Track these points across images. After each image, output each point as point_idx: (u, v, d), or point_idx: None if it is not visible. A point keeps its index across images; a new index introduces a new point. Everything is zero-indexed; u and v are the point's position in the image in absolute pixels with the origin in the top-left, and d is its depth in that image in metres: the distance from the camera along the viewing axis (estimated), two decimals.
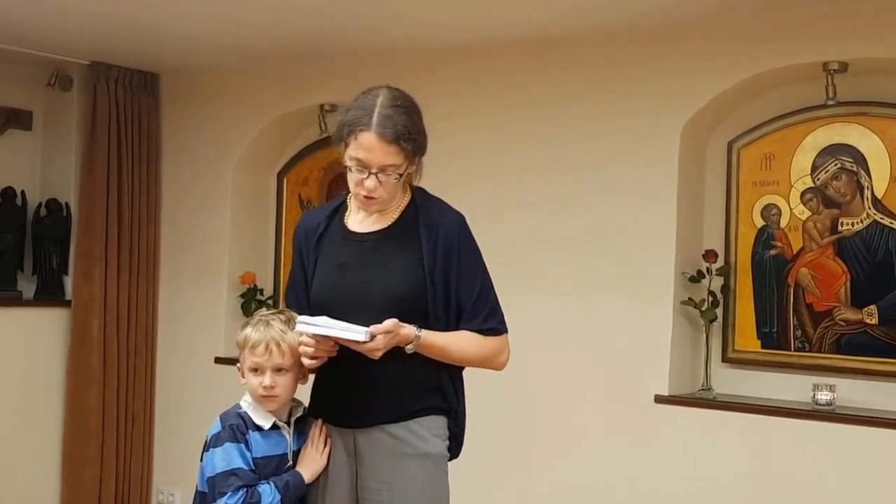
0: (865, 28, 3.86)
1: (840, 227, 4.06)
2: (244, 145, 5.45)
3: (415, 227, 2.76)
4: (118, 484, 5.54)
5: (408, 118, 2.69)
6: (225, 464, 2.71)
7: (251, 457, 2.73)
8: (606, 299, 4.34)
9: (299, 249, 2.89)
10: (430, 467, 2.74)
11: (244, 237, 5.56)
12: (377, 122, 2.64)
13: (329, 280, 2.78)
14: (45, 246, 5.58)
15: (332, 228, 2.84)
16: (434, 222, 2.76)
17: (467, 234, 2.80)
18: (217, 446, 2.74)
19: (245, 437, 2.74)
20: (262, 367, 2.75)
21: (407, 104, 2.72)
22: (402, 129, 2.65)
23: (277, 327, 2.75)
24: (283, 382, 2.75)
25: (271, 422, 2.78)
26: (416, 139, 2.70)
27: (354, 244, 2.78)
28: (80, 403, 5.45)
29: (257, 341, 2.75)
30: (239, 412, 2.79)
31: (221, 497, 2.69)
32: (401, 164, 2.67)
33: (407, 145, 2.67)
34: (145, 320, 5.64)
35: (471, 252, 2.79)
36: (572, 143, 4.46)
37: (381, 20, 4.37)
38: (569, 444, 4.41)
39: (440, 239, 2.73)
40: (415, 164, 2.74)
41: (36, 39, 5.00)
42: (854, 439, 3.84)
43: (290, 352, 2.74)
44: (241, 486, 2.69)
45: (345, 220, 2.84)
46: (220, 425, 2.77)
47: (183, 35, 4.81)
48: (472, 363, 2.80)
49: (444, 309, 2.73)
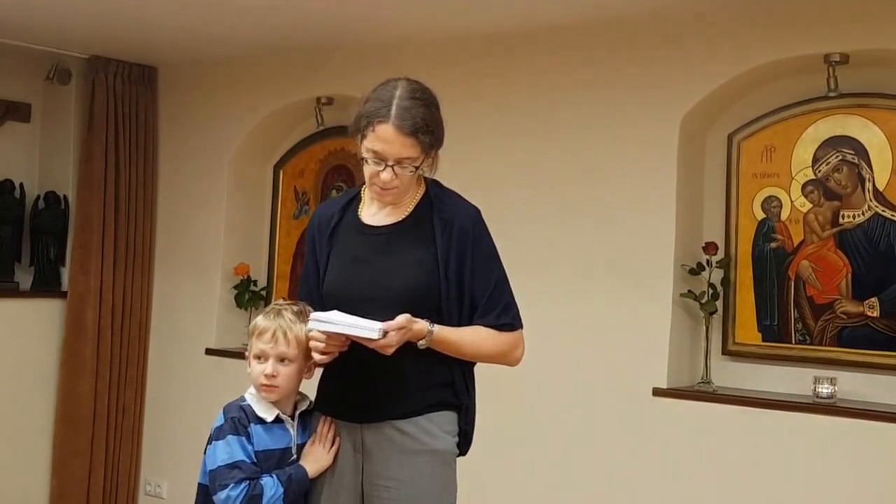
0: (866, 20, 3.85)
1: (841, 220, 4.06)
2: (241, 138, 5.47)
3: (429, 220, 2.73)
4: (107, 474, 5.58)
5: (426, 110, 2.66)
6: (227, 456, 2.70)
7: (253, 450, 2.72)
8: (606, 291, 4.34)
9: (312, 241, 2.86)
10: (438, 464, 2.71)
11: (240, 229, 5.58)
12: (395, 115, 2.61)
13: (342, 273, 2.75)
14: (43, 238, 5.62)
15: (345, 220, 2.81)
16: (449, 216, 2.73)
17: (482, 227, 2.77)
18: (219, 439, 2.73)
19: (247, 430, 2.72)
20: (265, 355, 2.74)
21: (426, 96, 2.69)
22: (420, 121, 2.63)
23: (287, 317, 2.74)
24: (285, 373, 2.74)
25: (274, 414, 2.76)
26: (434, 132, 2.67)
27: (368, 237, 2.76)
28: (73, 394, 5.48)
29: (265, 328, 2.75)
30: (241, 405, 2.77)
31: (223, 490, 2.67)
32: (417, 157, 2.65)
33: (425, 138, 2.64)
34: (139, 311, 5.67)
35: (486, 246, 2.75)
36: (571, 136, 4.46)
37: (378, 13, 4.37)
38: (567, 437, 4.41)
39: (455, 232, 2.71)
40: (431, 157, 2.71)
41: (35, 33, 5.04)
42: (855, 432, 3.84)
43: (297, 343, 2.72)
44: (244, 479, 2.67)
45: (359, 212, 2.81)
46: (223, 418, 2.76)
47: (180, 29, 4.84)
48: (486, 359, 2.77)
49: (457, 303, 2.70)
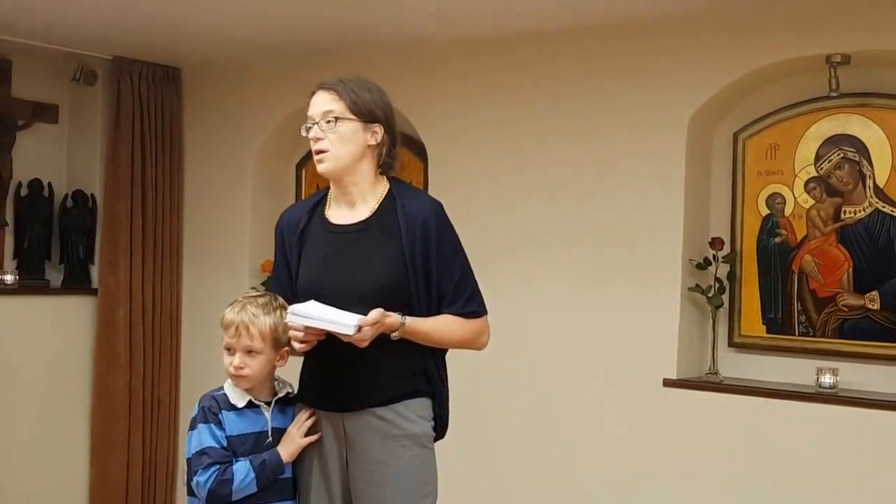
0: (867, 21, 3.92)
1: (843, 216, 4.13)
2: (264, 137, 5.52)
3: (394, 216, 2.82)
4: (144, 468, 5.63)
5: (357, 82, 2.83)
6: (197, 444, 2.81)
7: (224, 435, 2.80)
8: (616, 286, 4.42)
9: (282, 244, 2.96)
10: (417, 446, 2.82)
11: (264, 226, 5.58)
12: (322, 82, 2.83)
13: (313, 272, 2.85)
14: (72, 236, 5.67)
15: (313, 222, 2.91)
16: (412, 211, 2.82)
17: (445, 220, 2.86)
18: (193, 429, 2.85)
19: (217, 417, 2.82)
20: (232, 348, 2.82)
21: (365, 79, 2.86)
22: (343, 83, 2.81)
23: (250, 311, 2.80)
24: (253, 364, 2.81)
25: (246, 400, 2.84)
26: (359, 94, 2.80)
27: (336, 236, 2.85)
28: (107, 389, 5.53)
29: (230, 322, 2.82)
30: (215, 394, 2.87)
31: (194, 475, 2.79)
32: (342, 113, 2.78)
33: (347, 95, 2.79)
34: (170, 307, 5.71)
35: (449, 238, 2.85)
36: (581, 136, 4.52)
37: (401, 14, 4.43)
38: (579, 426, 4.50)
39: (419, 227, 2.79)
40: (371, 131, 2.81)
41: (61, 35, 5.07)
42: (856, 421, 3.92)
43: (260, 336, 2.79)
44: (212, 464, 2.77)
45: (325, 213, 2.91)
46: (197, 408, 2.88)
47: (204, 30, 4.86)
48: (455, 345, 2.88)
49: (425, 295, 2.80)
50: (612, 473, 4.42)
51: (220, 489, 2.76)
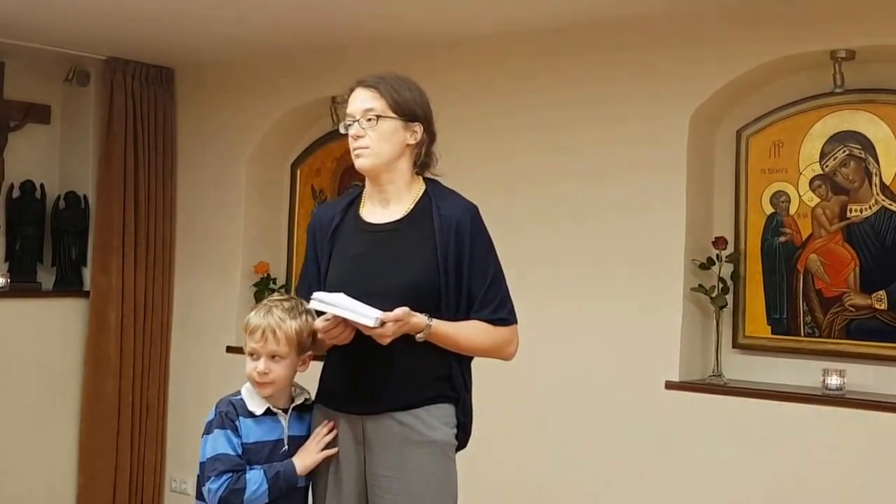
0: (872, 17, 3.88)
1: (849, 214, 4.08)
2: (258, 137, 5.51)
3: (428, 217, 2.80)
4: (132, 471, 5.63)
5: (397, 79, 2.81)
6: (212, 449, 2.76)
7: (241, 442, 2.76)
8: (617, 286, 4.38)
9: (313, 242, 2.92)
10: (438, 454, 2.76)
11: (258, 227, 5.62)
12: (363, 79, 2.81)
13: (344, 270, 2.81)
14: (64, 238, 5.66)
15: (346, 221, 2.88)
16: (447, 212, 2.79)
17: (480, 224, 2.84)
18: (209, 433, 2.79)
19: (234, 423, 2.76)
20: (257, 353, 2.77)
21: (405, 78, 2.83)
22: (383, 81, 2.79)
23: (277, 315, 2.76)
24: (277, 369, 2.76)
25: (264, 408, 2.79)
26: (400, 93, 2.78)
27: (369, 234, 2.82)
28: (97, 392, 5.53)
29: (256, 326, 2.76)
30: (232, 399, 2.82)
31: (207, 481, 2.73)
32: (383, 111, 2.75)
33: (389, 93, 2.76)
34: (161, 310, 5.72)
35: (483, 242, 2.82)
36: (582, 132, 4.49)
37: (394, 11, 4.40)
38: (580, 430, 4.46)
39: (453, 229, 2.77)
40: (411, 130, 2.79)
41: (53, 36, 5.07)
42: (864, 424, 3.87)
43: (286, 340, 2.75)
44: (225, 471, 2.72)
45: (360, 211, 2.88)
46: (214, 413, 2.81)
47: (197, 30, 4.87)
48: (481, 353, 2.83)
49: (455, 298, 2.76)
50: (614, 477, 4.37)
51: (232, 498, 2.72)
